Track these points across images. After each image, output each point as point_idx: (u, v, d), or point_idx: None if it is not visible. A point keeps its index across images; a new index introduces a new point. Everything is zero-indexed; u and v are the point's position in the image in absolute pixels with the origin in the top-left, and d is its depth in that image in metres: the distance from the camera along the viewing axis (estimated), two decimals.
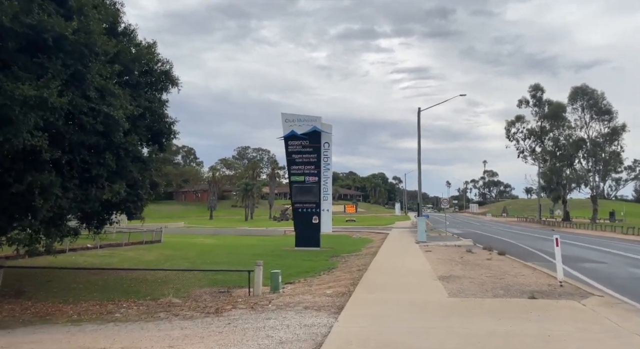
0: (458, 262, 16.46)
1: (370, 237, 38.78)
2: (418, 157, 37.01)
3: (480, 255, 18.96)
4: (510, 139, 78.20)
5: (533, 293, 9.77)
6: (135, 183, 13.61)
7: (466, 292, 10.10)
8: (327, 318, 7.76)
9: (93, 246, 24.91)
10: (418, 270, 14.46)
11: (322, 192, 29.63)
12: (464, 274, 13.21)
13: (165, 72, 14.93)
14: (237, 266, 19.78)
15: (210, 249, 27.86)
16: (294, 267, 19.17)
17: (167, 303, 10.95)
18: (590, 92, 69.68)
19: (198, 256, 23.81)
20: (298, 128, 30.29)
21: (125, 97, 12.11)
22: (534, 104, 75.18)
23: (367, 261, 18.71)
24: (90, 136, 11.24)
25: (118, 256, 22.15)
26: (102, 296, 12.46)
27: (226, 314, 8.76)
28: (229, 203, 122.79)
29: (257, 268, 12.03)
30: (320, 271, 17.52)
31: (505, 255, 18.72)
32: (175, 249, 26.63)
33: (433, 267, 15.08)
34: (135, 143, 12.83)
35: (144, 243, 29.69)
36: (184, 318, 8.58)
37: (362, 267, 16.43)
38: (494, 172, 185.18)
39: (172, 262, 20.48)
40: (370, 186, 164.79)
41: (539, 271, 13.67)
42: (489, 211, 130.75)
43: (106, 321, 8.67)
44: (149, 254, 23.36)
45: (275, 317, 8.05)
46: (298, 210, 29.95)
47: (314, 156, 29.72)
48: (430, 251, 21.69)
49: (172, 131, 15.04)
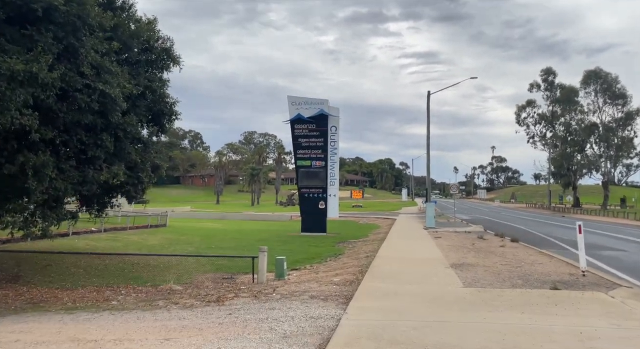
0: (470, 249, 15.87)
1: (377, 223, 38.24)
2: (427, 141, 36.23)
3: (493, 242, 18.35)
4: (520, 124, 77.07)
5: (555, 283, 9.15)
6: (135, 165, 13.05)
7: (482, 282, 9.52)
8: (335, 309, 7.22)
9: (97, 229, 24.58)
10: (429, 257, 13.89)
11: (329, 177, 29.04)
12: (477, 262, 12.62)
13: (166, 50, 14.24)
14: (241, 251, 19.35)
15: (215, 234, 27.48)
16: (300, 253, 18.69)
17: (167, 290, 10.48)
18: (604, 76, 68.08)
19: (202, 240, 23.42)
20: (304, 111, 29.58)
21: (123, 75, 11.49)
22: (545, 88, 73.75)
23: (375, 247, 18.18)
24: (86, 116, 10.64)
25: (122, 240, 21.79)
26: (101, 281, 12.03)
27: (228, 303, 8.26)
28: (235, 188, 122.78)
29: (261, 254, 11.52)
30: (327, 257, 17.02)
31: (518, 242, 18.08)
32: (180, 234, 26.27)
33: (444, 254, 14.50)
34: (135, 124, 12.22)
35: (149, 227, 29.37)
36: (184, 306, 8.09)
37: (369, 254, 15.91)
38: (503, 158, 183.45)
39: (176, 247, 20.08)
40: (377, 172, 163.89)
41: (557, 259, 13.04)
42: (497, 197, 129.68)
43: (102, 309, 8.19)
44: (153, 238, 23.00)
45: (280, 307, 7.53)
46: (304, 195, 29.41)
47: (320, 140, 29.05)
48: (440, 237, 21.12)
49: (173, 111, 14.41)
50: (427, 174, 37.21)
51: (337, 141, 29.40)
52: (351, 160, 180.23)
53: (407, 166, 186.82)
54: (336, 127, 29.46)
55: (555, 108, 73.54)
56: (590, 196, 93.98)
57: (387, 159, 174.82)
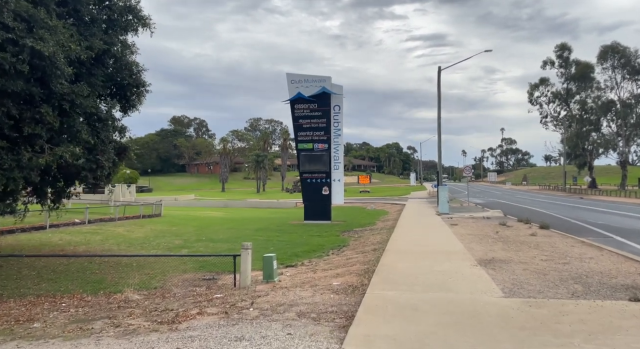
0: (495, 239, 13.54)
1: (385, 208, 35.94)
2: (438, 121, 33.71)
3: (519, 229, 15.98)
4: (533, 103, 73.89)
5: (632, 290, 6.80)
6: (94, 147, 10.83)
7: (526, 287, 7.22)
8: (327, 341, 4.97)
9: (81, 221, 22.59)
10: (448, 250, 11.58)
11: (333, 160, 26.69)
12: (509, 256, 10.30)
13: (130, 8, 11.89)
14: (234, 243, 17.19)
15: (211, 224, 25.38)
16: (300, 245, 16.53)
17: (121, 301, 8.30)
18: (622, 50, 64.51)
19: (195, 231, 21.32)
20: (305, 90, 27.14)
21: (66, 33, 9.20)
22: (559, 65, 70.35)
23: (384, 237, 15.95)
24: (15, 82, 8.41)
25: (104, 232, 19.71)
26: (52, 287, 9.89)
27: (185, 324, 6.06)
28: (241, 175, 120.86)
29: (243, 253, 9.29)
30: (329, 250, 14.84)
31: (549, 229, 15.67)
32: (172, 224, 24.18)
33: (466, 246, 12.20)
34: (87, 95, 9.97)
35: (142, 217, 27.30)
36: (124, 332, 5.90)
37: (378, 246, 13.67)
38: (513, 140, 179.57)
39: (161, 240, 17.97)
40: (385, 156, 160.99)
41: (609, 252, 10.62)
42: (507, 179, 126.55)
43: (12, 336, 6.02)
44: (139, 230, 20.90)
45: (251, 335, 5.31)
46: (307, 180, 27.15)
47: (323, 120, 26.64)
48: (456, 224, 18.80)
49: (140, 82, 12.11)
50: (439, 155, 34.77)
51: (340, 122, 26.95)
52: (358, 145, 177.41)
53: (415, 150, 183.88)
54: (340, 106, 26.99)
55: (570, 86, 70.28)
56: (604, 176, 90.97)
57: (394, 144, 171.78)
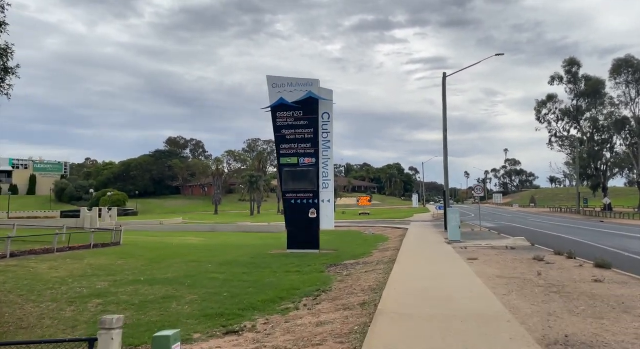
0: (543, 287, 9.10)
1: (385, 233, 31.45)
2: (444, 133, 29.55)
3: (567, 269, 11.49)
4: (541, 121, 69.76)
5: None
6: None
7: None
8: None
9: (2, 254, 18.12)
10: (478, 313, 7.16)
11: (321, 177, 22.39)
12: (592, 331, 5.92)
13: None
14: (180, 285, 12.82)
15: (174, 254, 20.95)
16: (266, 288, 12.14)
17: None
18: (637, 64, 60.83)
19: (142, 266, 16.90)
20: (289, 95, 23.13)
21: None
22: (568, 81, 66.53)
23: (380, 278, 11.59)
24: None
25: (14, 271, 15.18)
26: None
27: None
28: (236, 197, 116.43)
29: (103, 337, 4.91)
30: (302, 298, 10.50)
31: (611, 269, 11.17)
32: (122, 257, 19.72)
33: (504, 302, 7.80)
34: None
35: (92, 247, 22.79)
36: None
37: (369, 295, 9.31)
38: (517, 161, 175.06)
39: (83, 282, 13.57)
40: (386, 177, 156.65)
41: None
42: (513, 201, 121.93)
43: None
44: (69, 267, 16.36)
45: None
46: (290, 201, 22.87)
47: (309, 130, 22.50)
48: (475, 258, 14.37)
49: None
50: (445, 172, 30.45)
51: (330, 132, 22.78)
52: (359, 166, 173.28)
53: (417, 171, 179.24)
54: (329, 114, 22.87)
55: (580, 102, 66.43)
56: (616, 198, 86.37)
57: (395, 164, 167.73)
